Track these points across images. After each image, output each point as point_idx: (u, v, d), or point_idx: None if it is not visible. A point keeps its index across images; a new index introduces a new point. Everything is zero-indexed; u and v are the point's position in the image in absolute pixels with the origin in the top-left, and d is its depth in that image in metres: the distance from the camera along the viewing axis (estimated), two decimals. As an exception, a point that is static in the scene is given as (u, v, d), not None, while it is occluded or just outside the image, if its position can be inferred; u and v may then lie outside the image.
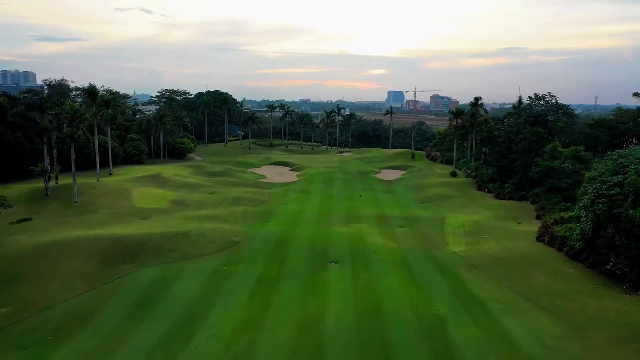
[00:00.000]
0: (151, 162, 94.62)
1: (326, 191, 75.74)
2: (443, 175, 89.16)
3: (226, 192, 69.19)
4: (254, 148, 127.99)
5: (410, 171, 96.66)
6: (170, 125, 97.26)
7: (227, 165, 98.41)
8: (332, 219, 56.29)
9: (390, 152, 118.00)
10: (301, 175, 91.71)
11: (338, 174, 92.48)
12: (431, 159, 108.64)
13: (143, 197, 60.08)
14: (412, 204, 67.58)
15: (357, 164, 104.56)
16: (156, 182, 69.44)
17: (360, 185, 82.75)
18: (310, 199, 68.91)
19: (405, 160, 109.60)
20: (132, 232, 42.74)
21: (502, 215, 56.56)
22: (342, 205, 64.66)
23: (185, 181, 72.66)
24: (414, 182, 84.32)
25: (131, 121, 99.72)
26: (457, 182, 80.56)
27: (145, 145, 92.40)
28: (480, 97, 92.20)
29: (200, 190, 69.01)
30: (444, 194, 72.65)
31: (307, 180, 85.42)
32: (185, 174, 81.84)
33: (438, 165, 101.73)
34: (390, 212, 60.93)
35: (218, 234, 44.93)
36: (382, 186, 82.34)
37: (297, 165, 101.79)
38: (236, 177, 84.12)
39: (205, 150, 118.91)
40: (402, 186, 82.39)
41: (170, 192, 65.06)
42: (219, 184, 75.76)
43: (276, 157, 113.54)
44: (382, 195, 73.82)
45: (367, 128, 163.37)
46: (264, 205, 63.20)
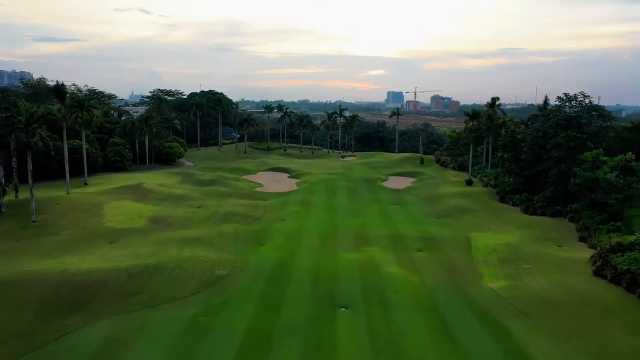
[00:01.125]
0: (135, 168, 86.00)
1: (329, 203, 67.20)
2: (457, 184, 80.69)
3: (216, 205, 60.63)
4: (250, 152, 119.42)
5: (420, 178, 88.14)
6: (156, 128, 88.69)
7: (219, 171, 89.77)
8: (338, 240, 47.81)
9: (396, 157, 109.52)
10: (301, 183, 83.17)
11: (341, 181, 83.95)
12: (441, 164, 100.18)
13: (116, 213, 51.47)
14: (427, 219, 59.11)
15: (362, 170, 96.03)
16: (135, 194, 60.83)
17: (366, 195, 74.24)
18: (311, 213, 60.38)
19: (413, 165, 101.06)
20: (89, 265, 34.13)
21: (537, 236, 48.04)
22: (349, 221, 56.14)
23: (169, 192, 64.05)
24: (426, 192, 75.82)
25: (115, 123, 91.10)
26: (474, 192, 72.09)
27: (128, 150, 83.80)
28: (497, 97, 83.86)
29: (185, 203, 60.40)
30: (463, 206, 64.17)
31: (307, 189, 76.85)
32: (170, 182, 73.20)
33: (450, 172, 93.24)
34: (404, 230, 52.46)
35: (199, 265, 36.36)
36: (391, 196, 73.82)
37: (296, 172, 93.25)
38: (228, 186, 75.52)
39: (197, 155, 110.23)
40: (412, 196, 73.88)
41: (150, 206, 56.46)
42: (208, 194, 67.15)
43: (273, 162, 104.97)
44: (392, 208, 65.33)
45: (370, 130, 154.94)
46: (258, 222, 54.66)
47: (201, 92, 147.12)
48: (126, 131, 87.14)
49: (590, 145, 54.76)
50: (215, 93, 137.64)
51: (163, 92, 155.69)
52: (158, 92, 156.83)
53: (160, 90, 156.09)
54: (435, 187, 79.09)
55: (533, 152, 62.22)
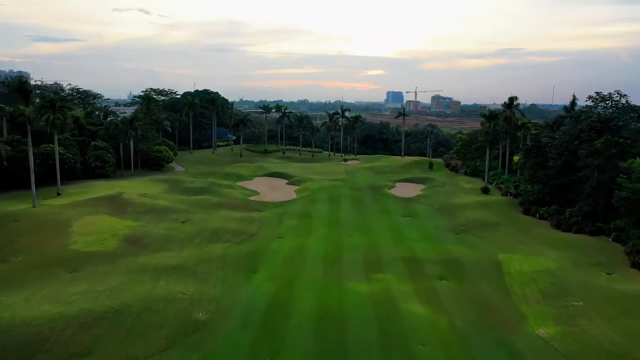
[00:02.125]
0: (119, 175, 78.64)
1: (332, 215, 59.95)
2: (472, 191, 73.45)
3: (204, 219, 53.33)
4: (246, 155, 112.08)
5: (431, 185, 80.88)
6: (143, 130, 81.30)
7: (211, 177, 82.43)
8: (345, 264, 40.56)
9: (403, 161, 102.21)
10: (300, 191, 75.87)
11: (344, 188, 76.69)
12: (452, 169, 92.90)
13: (86, 231, 44.15)
14: (444, 235, 51.90)
15: (366, 176, 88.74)
16: (112, 207, 53.49)
17: (373, 205, 66.98)
18: (312, 228, 53.11)
19: (422, 170, 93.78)
20: (31, 310, 26.84)
21: (579, 260, 40.79)
22: (355, 239, 48.88)
23: (151, 204, 56.70)
24: (439, 201, 68.58)
25: (98, 125, 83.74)
26: (493, 202, 64.87)
27: (111, 154, 76.44)
28: (515, 96, 76.69)
29: (169, 217, 53.08)
30: (483, 219, 56.98)
31: (307, 198, 69.56)
32: (155, 191, 65.84)
33: (461, 177, 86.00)
34: (420, 250, 45.24)
35: (174, 306, 29.09)
36: (401, 206, 66.58)
37: (296, 177, 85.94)
38: (220, 195, 68.17)
39: (189, 158, 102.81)
40: (425, 206, 66.65)
41: (127, 221, 49.11)
42: (196, 205, 59.82)
43: (271, 166, 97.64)
44: (403, 221, 58.10)
45: (373, 131, 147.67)
46: (252, 240, 47.39)
47: (195, 92, 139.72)
48: (110, 134, 79.81)
49: (632, 151, 47.59)
50: (210, 92, 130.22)
51: (156, 92, 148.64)
52: (150, 91, 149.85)
53: (153, 90, 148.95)
54: (448, 195, 71.86)
55: (563, 158, 55.02)
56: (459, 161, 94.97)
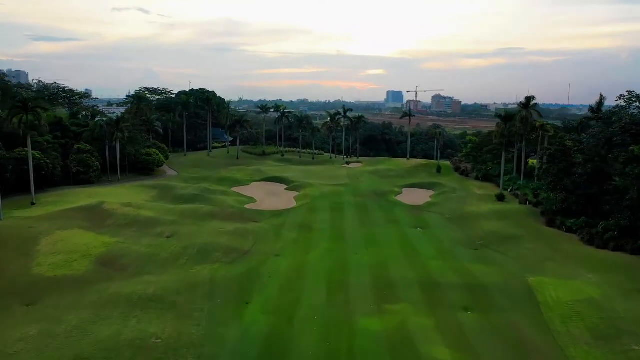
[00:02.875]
0: (105, 180, 72.99)
1: (335, 226, 54.33)
2: (486, 199, 67.84)
3: (193, 232, 47.68)
4: (243, 157, 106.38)
5: (441, 191, 75.20)
6: (131, 132, 75.57)
7: (205, 182, 76.76)
8: (352, 290, 34.98)
9: (409, 164, 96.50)
10: (300, 198, 70.18)
11: (348, 195, 71.04)
12: (461, 173, 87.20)
13: (55, 250, 38.49)
14: (462, 251, 46.33)
15: (371, 180, 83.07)
16: (90, 219, 47.80)
17: (380, 214, 61.34)
18: (313, 243, 47.47)
19: (429, 174, 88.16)
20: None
21: (626, 285, 35.11)
22: (363, 256, 43.26)
23: (135, 215, 51.00)
24: (451, 209, 62.96)
25: (84, 126, 78.01)
26: (511, 211, 59.26)
27: (96, 158, 70.71)
28: (532, 96, 71.11)
29: (153, 230, 47.39)
30: (502, 231, 51.39)
31: (308, 207, 63.89)
32: (141, 200, 60.19)
33: (472, 182, 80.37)
34: (436, 270, 39.66)
35: (143, 356, 23.41)
36: (410, 215, 60.96)
37: (295, 182, 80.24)
38: (213, 203, 62.50)
39: (183, 161, 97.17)
40: (436, 215, 61.04)
41: (104, 237, 43.44)
42: (185, 216, 54.13)
43: (269, 170, 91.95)
44: (414, 234, 52.52)
45: (375, 131, 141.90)
46: (245, 259, 41.76)
47: (190, 91, 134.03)
48: (95, 136, 74.11)
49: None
50: (205, 91, 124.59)
51: (150, 91, 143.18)
52: (144, 90, 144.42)
53: (147, 89, 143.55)
54: (460, 203, 66.21)
55: (592, 165, 49.42)
56: (468, 164, 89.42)
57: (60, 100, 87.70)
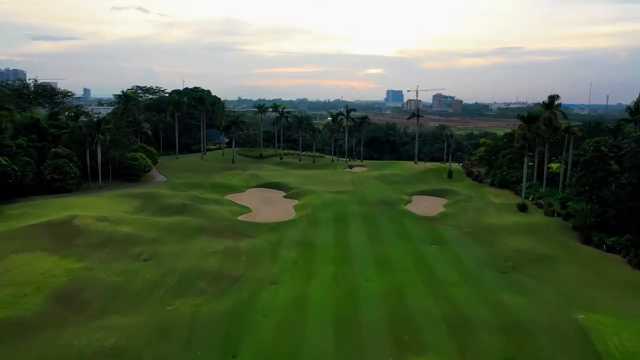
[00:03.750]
0: (86, 187, 66.27)
1: (340, 243, 47.63)
2: (506, 209, 61.29)
3: (176, 253, 41.03)
4: (239, 160, 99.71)
5: (454, 199, 68.51)
6: (113, 134, 68.81)
7: (196, 189, 70.01)
8: (365, 334, 28.36)
9: (417, 168, 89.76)
10: (300, 207, 63.52)
11: (353, 204, 64.35)
12: (474, 179, 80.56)
13: (2, 281, 31.78)
14: (489, 276, 39.73)
15: (377, 187, 76.36)
16: (56, 238, 41.11)
17: (389, 227, 54.66)
18: (316, 265, 40.77)
19: (440, 180, 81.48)
20: None
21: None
22: (374, 284, 36.62)
23: (110, 231, 44.29)
24: (469, 221, 56.32)
25: (64, 128, 71.25)
26: (537, 225, 52.71)
27: (74, 164, 63.97)
28: (556, 95, 64.38)
29: (130, 251, 40.69)
30: (532, 249, 44.81)
31: (309, 219, 57.21)
32: (121, 212, 53.49)
33: (488, 189, 73.72)
34: (464, 302, 33.08)
35: None
36: (423, 229, 54.29)
37: (295, 189, 73.57)
38: (203, 215, 55.78)
39: (174, 165, 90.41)
40: (452, 229, 54.36)
41: (68, 261, 36.76)
42: (170, 232, 47.43)
43: (266, 175, 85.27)
44: (431, 252, 45.91)
45: (379, 132, 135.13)
46: (235, 288, 35.07)
47: (184, 90, 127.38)
48: (74, 138, 67.36)
49: None
50: (200, 90, 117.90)
51: (143, 90, 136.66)
52: (136, 89, 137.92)
53: (140, 87, 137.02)
54: (478, 213, 59.60)
55: (638, 174, 42.76)
56: (481, 169, 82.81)
57: (40, 99, 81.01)
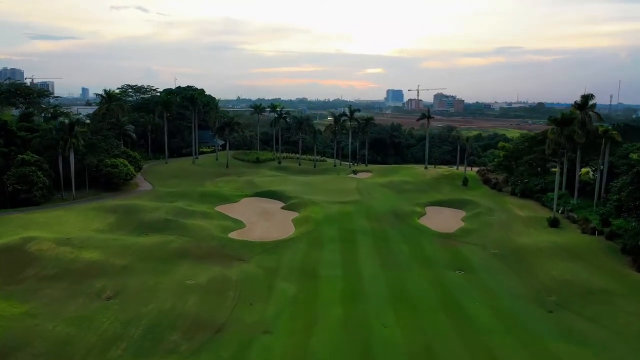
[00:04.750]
0: (58, 199, 58.68)
1: (349, 272, 39.95)
2: (534, 223, 53.80)
3: (147, 289, 33.41)
4: (234, 165, 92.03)
5: (473, 211, 60.90)
6: (90, 139, 61.15)
7: (183, 200, 62.37)
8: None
9: (428, 174, 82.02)
10: (300, 221, 55.92)
11: (360, 218, 56.79)
12: (492, 187, 72.85)
13: None
14: (531, 316, 32.35)
15: (385, 196, 68.72)
16: (3, 268, 33.44)
17: (404, 248, 47.06)
18: (320, 304, 33.16)
19: (454, 188, 73.83)
20: None
21: None
22: (394, 331, 29.11)
23: (71, 259, 36.69)
24: (496, 240, 48.74)
25: (36, 131, 63.58)
26: (576, 245, 45.19)
27: (43, 172, 56.35)
28: (590, 94, 56.92)
29: (90, 287, 33.04)
30: (580, 280, 37.30)
31: (310, 237, 49.59)
32: (90, 231, 45.84)
33: (509, 199, 66.08)
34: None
35: None
36: (443, 249, 46.72)
37: (294, 199, 65.94)
38: (188, 233, 48.10)
39: (162, 171, 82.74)
40: (477, 249, 46.82)
41: (10, 303, 29.16)
42: (145, 258, 39.77)
43: (263, 182, 77.63)
44: (456, 281, 38.49)
45: (383, 134, 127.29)
46: (216, 342, 27.44)
47: (177, 89, 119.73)
48: (46, 143, 59.73)
49: None
50: (191, 89, 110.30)
51: (134, 89, 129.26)
52: (127, 88, 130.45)
53: (130, 86, 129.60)
54: (504, 230, 52.03)
55: None
56: (499, 176, 75.28)
57: (12, 99, 73.17)
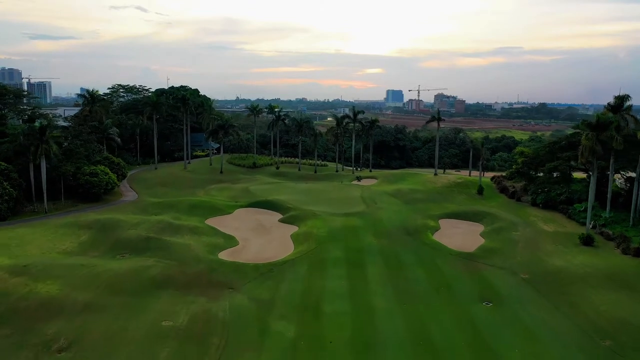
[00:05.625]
0: (29, 211, 52.34)
1: (359, 306, 33.57)
2: (563, 240, 47.75)
3: (111, 335, 27.07)
4: (229, 171, 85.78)
5: (493, 225, 54.62)
6: (64, 144, 54.82)
7: (170, 212, 56.09)
8: None
9: (438, 181, 75.64)
10: (300, 238, 49.63)
11: (367, 233, 50.50)
12: (510, 196, 66.50)
13: None
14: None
15: (394, 207, 62.41)
16: None
17: (419, 271, 40.76)
18: (325, 356, 26.81)
19: (468, 197, 67.57)
20: None
21: None
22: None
23: (24, 293, 30.38)
24: (524, 262, 42.52)
25: (7, 136, 57.23)
26: (621, 270, 39.12)
27: (11, 182, 49.98)
28: (626, 95, 50.73)
29: (41, 332, 26.71)
30: (635, 319, 30.93)
31: (312, 259, 43.24)
32: (57, 252, 39.49)
33: (530, 210, 59.79)
34: None
35: None
36: (464, 272, 40.44)
37: (293, 210, 59.67)
38: (170, 255, 41.77)
39: (150, 178, 76.36)
40: (503, 273, 40.51)
41: None
42: (117, 288, 33.42)
43: (259, 190, 71.41)
44: (485, 317, 32.27)
45: (387, 136, 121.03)
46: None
47: (170, 89, 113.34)
48: (17, 149, 53.39)
49: None
50: (184, 88, 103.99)
51: (125, 88, 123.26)
52: (118, 87, 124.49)
53: (122, 86, 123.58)
54: (531, 249, 45.80)
55: None
56: (517, 184, 69.03)
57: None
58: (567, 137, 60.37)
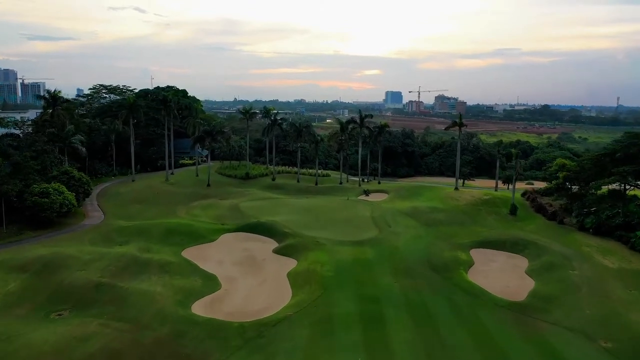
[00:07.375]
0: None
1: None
2: (635, 281, 36.92)
3: None
4: (217, 183, 74.91)
5: (540, 259, 43.81)
6: (13, 158, 43.91)
7: (139, 240, 45.31)
8: None
9: (461, 198, 64.63)
10: (300, 280, 38.82)
11: (384, 270, 39.83)
12: (551, 217, 55.56)
13: None
14: None
15: (412, 231, 51.60)
16: None
17: (461, 334, 30.09)
18: None
19: (499, 218, 56.73)
20: None
21: None
22: None
23: None
24: (596, 319, 31.93)
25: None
26: None
27: None
28: None
29: None
30: None
31: (315, 315, 32.42)
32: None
33: (578, 236, 48.94)
34: None
35: None
36: (518, 336, 29.79)
37: (291, 237, 48.88)
38: (125, 312, 31.07)
39: (124, 193, 65.44)
40: (574, 336, 29.89)
41: None
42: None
43: (251, 208, 60.63)
44: None
45: (394, 142, 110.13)
46: None
47: (154, 89, 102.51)
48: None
49: None
50: (171, 89, 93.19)
51: (108, 89, 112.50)
52: (100, 88, 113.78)
53: (104, 87, 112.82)
54: (599, 296, 35.18)
55: None
56: (555, 201, 58.40)
57: None
58: (623, 147, 49.72)
